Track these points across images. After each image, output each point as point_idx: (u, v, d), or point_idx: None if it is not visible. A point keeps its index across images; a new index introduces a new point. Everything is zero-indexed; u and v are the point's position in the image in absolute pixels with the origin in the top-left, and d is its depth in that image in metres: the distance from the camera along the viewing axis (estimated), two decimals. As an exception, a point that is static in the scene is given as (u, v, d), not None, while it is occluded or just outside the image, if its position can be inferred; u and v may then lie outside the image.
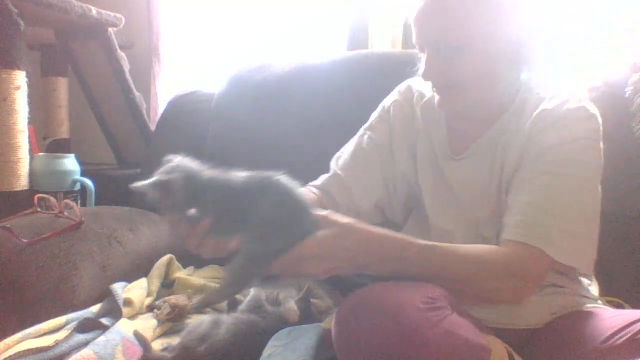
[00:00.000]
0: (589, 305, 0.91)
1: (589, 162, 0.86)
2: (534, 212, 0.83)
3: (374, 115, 1.10)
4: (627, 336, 0.73)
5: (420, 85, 1.06)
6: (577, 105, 0.88)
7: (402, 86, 1.10)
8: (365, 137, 1.06)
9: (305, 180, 1.30)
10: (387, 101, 1.09)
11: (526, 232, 0.82)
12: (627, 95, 1.20)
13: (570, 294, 0.91)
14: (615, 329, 0.75)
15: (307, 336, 0.80)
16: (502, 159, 0.91)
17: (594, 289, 0.97)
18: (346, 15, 1.85)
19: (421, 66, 0.97)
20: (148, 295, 1.07)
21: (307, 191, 1.03)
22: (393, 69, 1.18)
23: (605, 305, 0.94)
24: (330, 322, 0.76)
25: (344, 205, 1.02)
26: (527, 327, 0.88)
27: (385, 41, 1.78)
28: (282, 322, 0.91)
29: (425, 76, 0.90)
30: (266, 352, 0.80)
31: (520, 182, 0.87)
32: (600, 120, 0.89)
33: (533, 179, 0.85)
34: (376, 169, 1.04)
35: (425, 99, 1.04)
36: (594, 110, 0.89)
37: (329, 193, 1.03)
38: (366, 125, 1.09)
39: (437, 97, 0.94)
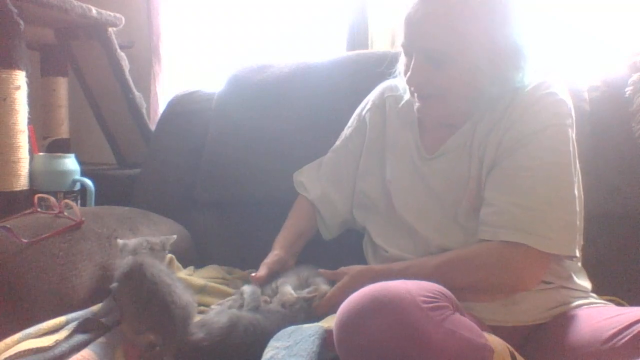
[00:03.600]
0: (582, 301, 0.91)
1: (561, 149, 0.88)
2: (518, 210, 0.86)
3: (352, 123, 1.18)
4: (629, 336, 0.73)
5: (396, 89, 1.10)
6: (546, 92, 0.91)
7: (375, 92, 1.15)
8: (345, 149, 1.16)
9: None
10: (363, 109, 1.16)
11: (513, 231, 0.85)
12: (627, 95, 1.20)
13: (561, 288, 0.91)
14: (617, 328, 0.75)
15: (309, 339, 0.80)
16: (480, 153, 0.93)
17: (584, 282, 0.97)
18: (346, 15, 1.85)
19: (401, 68, 1.00)
20: (148, 295, 1.07)
21: (307, 204, 1.19)
22: (393, 69, 1.18)
23: (600, 299, 0.95)
24: (331, 322, 0.76)
25: (329, 220, 1.17)
26: (525, 324, 0.89)
27: (385, 41, 1.78)
28: (282, 317, 0.91)
29: (411, 82, 0.92)
30: (268, 352, 0.79)
31: (499, 179, 0.89)
32: (570, 104, 0.92)
33: (512, 176, 0.88)
34: (352, 180, 1.14)
35: (402, 103, 1.07)
36: (563, 95, 0.92)
37: (318, 210, 1.17)
38: (347, 134, 1.18)
39: (417, 104, 0.95)
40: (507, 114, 0.91)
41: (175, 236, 1.09)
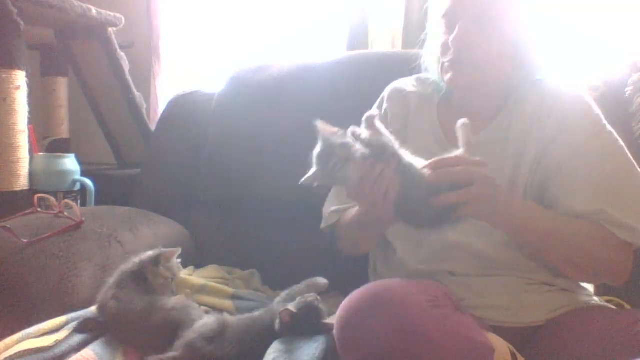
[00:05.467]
0: (583, 303, 0.91)
1: (615, 137, 0.91)
2: (617, 213, 0.85)
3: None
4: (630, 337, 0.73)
5: (412, 87, 1.08)
6: (571, 88, 0.94)
7: (388, 90, 1.10)
8: None
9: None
10: (381, 107, 1.10)
11: (620, 230, 0.85)
12: (627, 95, 1.19)
13: (564, 291, 0.91)
14: (618, 328, 0.75)
15: (312, 345, 0.80)
16: (519, 150, 0.92)
17: (586, 284, 0.97)
18: (346, 15, 1.85)
19: (427, 58, 0.99)
20: (148, 295, 1.07)
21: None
22: (393, 69, 1.18)
23: (601, 302, 0.95)
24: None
25: None
26: (526, 325, 0.88)
27: (385, 41, 1.78)
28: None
29: (456, 43, 0.90)
30: (270, 354, 0.79)
31: (580, 187, 0.88)
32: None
33: (599, 183, 0.87)
34: None
35: (421, 97, 1.05)
36: (581, 90, 0.96)
37: None
38: None
39: (450, 74, 0.93)
40: (545, 111, 0.92)
41: (179, 249, 1.04)
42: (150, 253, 1.01)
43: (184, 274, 1.19)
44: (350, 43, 1.83)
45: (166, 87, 2.13)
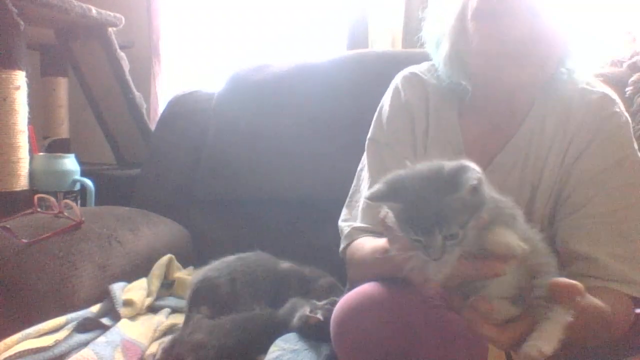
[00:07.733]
0: None
1: None
2: (623, 265, 0.78)
3: (384, 121, 0.96)
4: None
5: (422, 74, 0.97)
6: (612, 111, 0.86)
7: (402, 75, 0.98)
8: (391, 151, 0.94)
9: (304, 179, 1.31)
10: (397, 97, 0.96)
11: (626, 285, 0.77)
12: (627, 95, 1.19)
13: None
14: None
15: (316, 347, 0.80)
16: (537, 174, 0.86)
17: None
18: (346, 15, 1.85)
19: (441, 54, 0.89)
20: (148, 295, 1.07)
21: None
22: (393, 69, 1.17)
23: None
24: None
25: None
26: None
27: (385, 41, 1.78)
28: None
29: (503, 31, 0.80)
30: (274, 352, 0.79)
31: (592, 228, 0.80)
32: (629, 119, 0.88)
33: (610, 223, 0.79)
34: None
35: (439, 93, 0.93)
36: (624, 110, 0.87)
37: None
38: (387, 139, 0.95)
39: (506, 70, 0.82)
40: (571, 127, 0.85)
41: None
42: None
43: (184, 274, 1.19)
44: (350, 42, 1.83)
45: (166, 87, 2.13)
